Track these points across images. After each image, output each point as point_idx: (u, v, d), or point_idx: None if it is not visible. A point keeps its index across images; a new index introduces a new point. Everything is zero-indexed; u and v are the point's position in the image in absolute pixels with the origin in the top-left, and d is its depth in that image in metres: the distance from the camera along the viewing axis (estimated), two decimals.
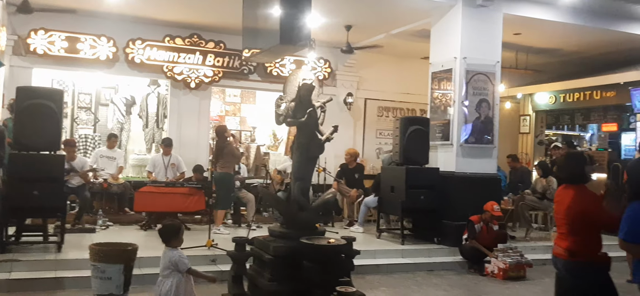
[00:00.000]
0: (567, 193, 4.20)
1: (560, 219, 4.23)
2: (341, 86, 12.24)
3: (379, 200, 9.42)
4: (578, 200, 4.07)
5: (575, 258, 4.04)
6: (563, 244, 4.13)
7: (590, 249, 4.06)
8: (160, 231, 4.68)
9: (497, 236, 8.08)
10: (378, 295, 6.45)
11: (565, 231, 4.16)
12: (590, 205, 4.07)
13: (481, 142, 9.10)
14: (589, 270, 4.05)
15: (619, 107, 12.37)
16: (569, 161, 4.40)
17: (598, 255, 4.08)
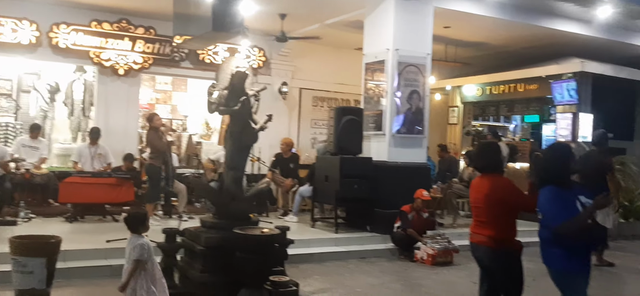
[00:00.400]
0: (484, 182, 4.36)
1: (479, 207, 4.39)
2: (276, 75, 12.18)
3: (313, 189, 9.47)
4: (497, 188, 4.25)
5: (497, 245, 4.22)
6: (485, 232, 4.29)
7: (510, 236, 4.26)
8: (127, 219, 4.48)
9: (426, 224, 8.33)
10: (311, 284, 6.49)
11: (484, 219, 4.33)
12: (508, 192, 4.26)
13: (412, 132, 9.32)
14: (508, 256, 4.25)
15: (540, 99, 12.98)
16: (486, 151, 4.61)
17: (516, 242, 4.30)
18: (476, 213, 4.46)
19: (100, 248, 6.85)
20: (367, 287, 6.47)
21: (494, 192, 4.26)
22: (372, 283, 6.68)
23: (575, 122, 11.11)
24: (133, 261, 4.35)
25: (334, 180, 8.76)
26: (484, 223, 4.32)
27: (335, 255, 7.95)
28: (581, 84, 11.16)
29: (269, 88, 11.66)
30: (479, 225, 4.38)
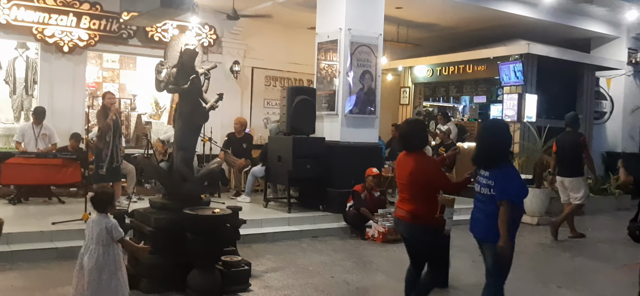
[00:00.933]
0: (409, 160, 4.48)
1: (403, 184, 4.51)
2: (227, 54, 12.01)
3: (266, 169, 9.45)
4: (421, 168, 4.39)
5: (416, 221, 4.39)
6: (406, 207, 4.45)
7: (429, 212, 4.42)
8: (94, 199, 4.23)
9: (377, 202, 8.47)
10: (264, 263, 6.50)
11: (407, 196, 4.46)
12: (432, 173, 4.41)
13: (364, 112, 9.40)
14: (426, 231, 4.41)
15: (488, 80, 13.30)
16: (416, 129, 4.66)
17: (435, 218, 4.48)
18: (400, 189, 4.59)
19: (46, 231, 6.67)
20: (319, 265, 6.54)
21: (418, 172, 4.38)
22: (324, 261, 6.75)
23: (521, 102, 11.44)
24: (117, 240, 4.17)
25: (286, 160, 8.76)
26: (406, 199, 4.47)
27: (288, 235, 7.99)
28: (527, 66, 11.48)
29: (221, 67, 11.52)
30: (402, 201, 4.53)
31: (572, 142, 8.60)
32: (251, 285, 5.52)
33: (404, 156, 4.57)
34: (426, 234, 4.44)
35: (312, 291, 5.52)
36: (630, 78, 14.05)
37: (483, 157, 4.22)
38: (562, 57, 12.16)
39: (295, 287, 5.64)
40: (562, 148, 8.71)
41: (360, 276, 6.22)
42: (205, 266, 5.11)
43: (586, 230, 9.28)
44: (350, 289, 5.71)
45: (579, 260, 7.45)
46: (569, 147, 8.63)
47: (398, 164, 4.65)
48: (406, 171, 4.44)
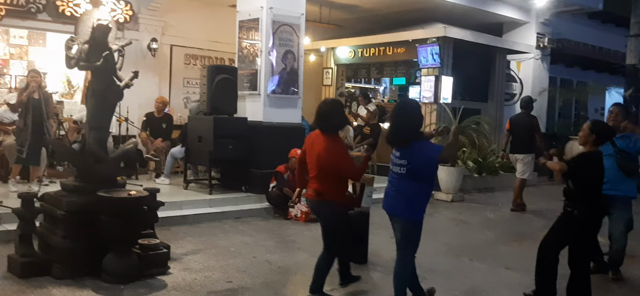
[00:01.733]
0: (319, 141, 4.53)
1: (312, 164, 4.59)
2: (144, 31, 11.55)
3: (186, 150, 9.24)
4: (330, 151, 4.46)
5: (321, 198, 4.54)
6: (313, 186, 4.59)
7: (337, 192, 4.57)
8: None
9: None
10: (184, 245, 6.38)
11: (314, 175, 4.57)
12: (339, 161, 4.48)
13: (287, 92, 9.38)
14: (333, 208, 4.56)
15: (407, 63, 13.62)
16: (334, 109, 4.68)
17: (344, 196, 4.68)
18: (309, 168, 4.67)
19: None
20: (241, 246, 6.50)
21: (326, 155, 4.45)
22: (246, 241, 6.72)
23: (437, 84, 11.82)
24: None
25: (207, 141, 8.61)
26: (314, 179, 4.58)
27: (209, 216, 7.88)
28: (443, 48, 11.86)
29: (137, 44, 11.08)
30: (311, 180, 4.64)
31: (525, 122, 9.47)
32: (170, 268, 5.41)
33: (316, 136, 4.60)
34: (332, 211, 4.56)
35: (233, 272, 5.49)
36: (539, 61, 14.87)
37: (395, 136, 4.34)
38: (477, 40, 12.66)
39: (216, 269, 5.58)
40: (515, 127, 9.61)
41: (283, 255, 6.25)
42: (121, 249, 4.95)
43: (497, 205, 9.81)
44: (272, 268, 5.72)
45: (490, 234, 7.85)
46: (521, 126, 9.50)
47: (309, 143, 4.67)
48: (315, 151, 4.51)
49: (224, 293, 4.91)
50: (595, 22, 16.62)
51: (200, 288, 5.01)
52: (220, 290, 4.99)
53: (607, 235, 5.90)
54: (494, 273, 5.96)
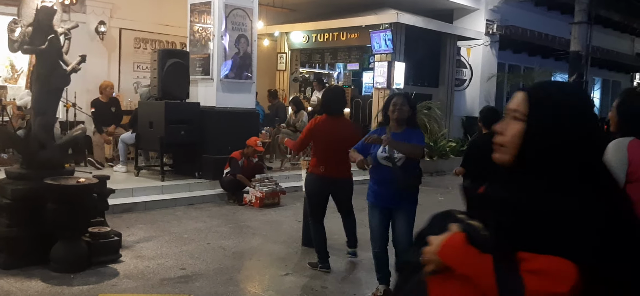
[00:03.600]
0: (341, 124, 5.15)
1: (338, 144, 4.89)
2: (92, 13, 11.20)
3: (136, 136, 9.05)
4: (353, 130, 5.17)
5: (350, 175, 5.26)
6: (345, 166, 5.04)
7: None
8: None
9: (255, 168, 8.49)
10: (135, 233, 6.28)
11: (341, 156, 4.81)
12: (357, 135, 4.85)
13: (241, 77, 9.31)
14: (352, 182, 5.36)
15: (361, 48, 13.74)
16: (341, 95, 5.35)
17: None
18: (332, 149, 4.97)
19: None
20: (194, 232, 6.45)
21: (353, 133, 4.97)
22: (199, 227, 6.67)
23: (390, 70, 11.97)
24: None
25: (159, 126, 8.46)
26: (342, 160, 4.85)
27: (161, 203, 7.77)
28: (396, 34, 12.00)
29: (85, 27, 10.75)
30: (339, 161, 4.94)
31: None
32: (122, 256, 5.32)
33: (332, 120, 5.06)
34: (352, 185, 5.31)
35: (186, 259, 5.45)
36: (488, 48, 15.24)
37: None
38: (428, 26, 12.86)
39: (169, 255, 5.52)
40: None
41: (237, 241, 6.24)
42: (70, 238, 4.83)
43: (447, 188, 10.04)
44: (226, 254, 5.71)
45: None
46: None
47: (328, 128, 5.03)
48: (343, 133, 4.95)
49: (178, 280, 4.87)
50: (542, 9, 17.15)
51: (152, 275, 4.96)
52: (173, 277, 4.95)
53: None
54: None
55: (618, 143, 2.95)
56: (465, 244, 1.37)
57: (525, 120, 1.42)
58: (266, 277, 5.23)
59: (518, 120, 1.44)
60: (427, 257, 1.42)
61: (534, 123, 1.41)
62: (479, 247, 1.35)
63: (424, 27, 12.70)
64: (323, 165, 5.02)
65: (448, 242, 1.38)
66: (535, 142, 1.40)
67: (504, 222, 1.35)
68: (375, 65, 12.41)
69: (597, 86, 22.95)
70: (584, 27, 13.13)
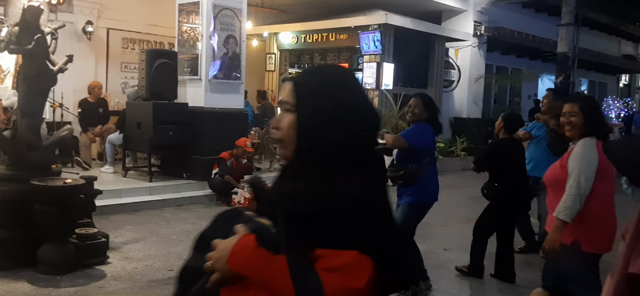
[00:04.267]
0: None
1: None
2: (79, 13, 11.11)
3: (124, 137, 9.00)
4: None
5: None
6: None
7: None
8: None
9: (244, 169, 8.46)
10: (124, 234, 6.24)
11: None
12: None
13: (229, 77, 9.28)
14: None
15: (350, 49, 13.75)
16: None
17: None
18: None
19: None
20: (183, 234, 6.42)
21: None
22: (188, 229, 6.64)
23: (379, 71, 12.00)
24: None
25: (146, 127, 8.41)
26: None
27: (150, 204, 7.73)
28: (385, 35, 12.04)
29: (72, 27, 10.67)
30: None
31: None
32: (110, 257, 5.29)
33: None
34: None
35: (175, 261, 5.42)
36: (475, 49, 15.33)
37: None
38: (417, 28, 12.92)
39: (157, 257, 5.50)
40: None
41: None
42: (57, 239, 4.80)
43: None
44: None
45: (428, 216, 8.07)
46: None
47: None
48: None
49: (166, 282, 4.85)
50: (529, 11, 17.29)
51: (140, 277, 4.93)
52: (161, 278, 4.93)
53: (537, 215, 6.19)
54: (431, 254, 6.15)
55: (589, 142, 3.21)
56: (255, 247, 1.26)
57: (294, 111, 1.34)
58: None
59: (289, 111, 1.36)
60: (213, 265, 1.30)
61: (300, 114, 1.33)
62: (271, 249, 1.25)
63: (412, 28, 12.75)
64: None
65: (236, 247, 1.27)
66: (303, 133, 1.32)
67: (293, 218, 1.25)
68: (364, 66, 12.43)
69: (584, 87, 23.17)
70: (571, 29, 13.25)
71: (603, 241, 3.27)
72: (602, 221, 3.27)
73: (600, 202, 3.25)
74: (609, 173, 3.25)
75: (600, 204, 3.25)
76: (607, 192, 3.29)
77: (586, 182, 3.18)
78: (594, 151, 3.21)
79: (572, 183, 3.20)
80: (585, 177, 3.18)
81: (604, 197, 3.27)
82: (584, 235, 3.22)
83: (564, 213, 3.22)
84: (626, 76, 26.47)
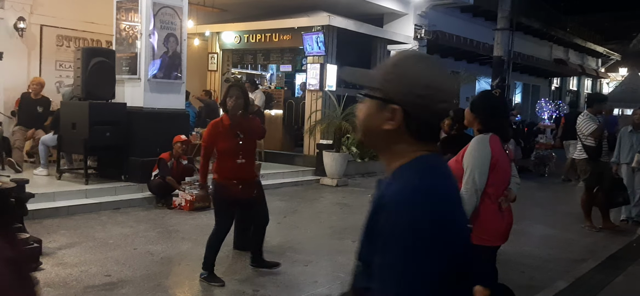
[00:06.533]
0: None
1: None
2: (10, 9, 10.59)
3: (59, 138, 8.65)
4: None
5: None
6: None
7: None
8: None
9: (185, 171, 8.31)
10: (57, 239, 6.00)
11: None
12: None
13: (170, 77, 9.08)
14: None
15: (293, 50, 13.75)
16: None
17: None
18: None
19: None
20: (120, 238, 6.24)
21: None
22: (125, 233, 6.46)
23: (322, 72, 12.06)
24: None
25: (82, 128, 8.13)
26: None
27: (85, 208, 7.47)
28: (328, 37, 12.10)
29: (2, 23, 10.20)
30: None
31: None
32: (42, 263, 5.07)
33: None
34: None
35: (112, 265, 5.26)
36: None
37: None
38: (359, 30, 13.05)
39: (93, 262, 5.31)
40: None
41: (165, 245, 6.08)
42: None
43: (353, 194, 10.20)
44: (154, 259, 5.55)
45: None
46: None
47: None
48: None
49: (102, 288, 4.70)
50: (467, 16, 17.81)
51: (76, 283, 4.75)
52: (98, 284, 4.77)
53: None
54: None
55: (482, 138, 3.40)
56: None
57: None
58: (196, 283, 5.12)
59: None
60: None
61: None
62: None
63: (355, 30, 12.87)
64: None
65: None
66: None
67: None
68: (307, 67, 12.45)
69: (518, 90, 24.13)
70: (506, 33, 13.74)
71: (491, 235, 3.41)
72: (489, 215, 3.39)
73: (488, 196, 3.39)
74: (501, 168, 3.39)
75: (488, 198, 3.39)
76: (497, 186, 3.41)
77: (480, 177, 3.33)
78: (486, 147, 3.36)
79: (468, 179, 3.35)
80: (479, 172, 3.34)
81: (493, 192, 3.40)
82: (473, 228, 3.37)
83: None
84: (557, 79, 27.72)
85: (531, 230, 7.63)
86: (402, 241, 1.18)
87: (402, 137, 1.33)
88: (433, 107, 1.31)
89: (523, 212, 7.34)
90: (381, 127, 1.34)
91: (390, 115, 1.32)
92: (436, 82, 1.32)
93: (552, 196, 11.16)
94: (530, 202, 9.35)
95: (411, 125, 1.31)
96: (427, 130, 1.34)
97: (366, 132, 1.40)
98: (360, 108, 1.41)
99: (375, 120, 1.35)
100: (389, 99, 1.32)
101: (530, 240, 7.08)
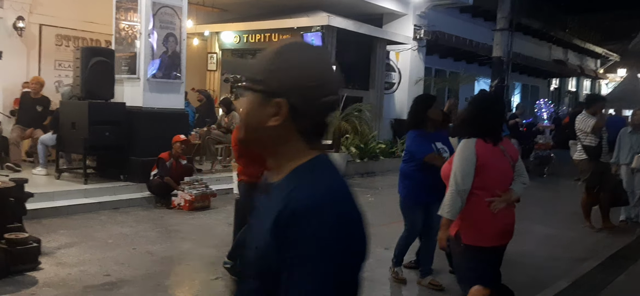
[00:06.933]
0: None
1: None
2: (10, 8, 10.58)
3: (58, 137, 8.64)
4: None
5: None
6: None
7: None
8: None
9: (184, 170, 8.29)
10: (57, 239, 5.99)
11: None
12: None
13: (169, 77, 9.07)
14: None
15: None
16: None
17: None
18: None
19: None
20: (120, 237, 6.23)
21: None
22: (125, 233, 6.45)
23: None
24: None
25: (82, 127, 8.12)
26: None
27: (85, 207, 7.45)
28: (327, 37, 12.10)
29: (2, 22, 10.19)
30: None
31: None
32: (42, 263, 5.07)
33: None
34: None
35: (111, 265, 5.25)
36: (415, 52, 15.66)
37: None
38: (358, 30, 13.06)
39: (93, 262, 5.31)
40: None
41: (165, 245, 6.08)
42: None
43: (377, 189, 10.22)
44: (153, 259, 5.55)
45: (371, 216, 8.17)
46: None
47: None
48: None
49: (102, 288, 4.69)
50: (467, 16, 17.83)
51: (75, 283, 4.74)
52: (97, 284, 4.76)
53: None
54: (372, 252, 6.23)
55: (467, 141, 3.45)
56: None
57: None
58: (196, 282, 5.13)
59: None
60: None
61: None
62: None
63: (354, 30, 12.87)
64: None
65: None
66: None
67: None
68: None
69: (517, 90, 24.13)
70: (505, 34, 13.76)
71: (482, 235, 3.41)
72: (480, 215, 3.40)
73: (478, 197, 3.40)
74: (493, 169, 3.40)
75: (478, 199, 3.40)
76: (489, 187, 3.42)
77: (464, 179, 3.35)
78: (471, 150, 3.39)
79: (451, 181, 3.40)
80: (462, 174, 3.36)
81: (484, 194, 3.41)
82: (463, 228, 3.42)
83: (446, 210, 3.43)
84: (556, 80, 27.75)
85: (532, 229, 7.63)
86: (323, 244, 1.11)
87: (290, 135, 1.21)
88: (320, 101, 1.21)
89: (523, 212, 7.34)
90: (265, 123, 1.21)
91: (275, 110, 1.19)
92: (323, 74, 1.23)
93: (553, 196, 11.17)
94: (530, 202, 9.35)
95: (298, 121, 1.20)
96: (315, 126, 1.23)
97: (249, 130, 1.26)
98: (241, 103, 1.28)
99: (258, 116, 1.21)
100: (272, 92, 1.20)
101: (531, 240, 7.08)
